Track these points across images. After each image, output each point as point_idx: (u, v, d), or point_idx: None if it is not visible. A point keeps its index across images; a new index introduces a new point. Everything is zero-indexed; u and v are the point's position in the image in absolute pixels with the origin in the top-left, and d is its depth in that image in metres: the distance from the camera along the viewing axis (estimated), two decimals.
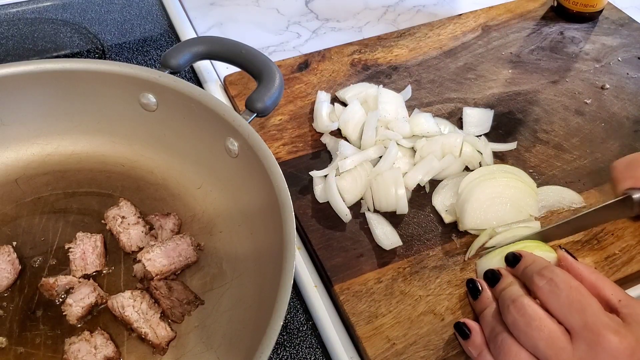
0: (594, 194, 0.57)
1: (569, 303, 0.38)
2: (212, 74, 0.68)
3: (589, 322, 0.37)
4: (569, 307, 0.38)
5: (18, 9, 0.77)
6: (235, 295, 0.48)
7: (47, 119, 0.56)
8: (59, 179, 0.56)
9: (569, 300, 0.38)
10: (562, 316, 0.38)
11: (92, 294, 0.46)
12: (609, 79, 0.69)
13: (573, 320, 0.38)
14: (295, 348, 0.47)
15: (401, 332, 0.46)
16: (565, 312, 0.38)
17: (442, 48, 0.72)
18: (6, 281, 0.47)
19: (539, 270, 0.41)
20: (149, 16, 0.78)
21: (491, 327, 0.42)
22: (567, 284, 0.39)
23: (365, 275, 0.49)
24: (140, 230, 0.51)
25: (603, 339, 0.36)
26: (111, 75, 0.53)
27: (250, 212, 0.51)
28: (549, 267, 0.41)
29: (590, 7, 0.75)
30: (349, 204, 0.54)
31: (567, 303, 0.38)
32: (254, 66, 0.56)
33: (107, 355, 0.43)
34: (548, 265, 0.41)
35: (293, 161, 0.58)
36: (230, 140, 0.50)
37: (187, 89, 0.52)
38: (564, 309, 0.38)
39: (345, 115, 0.60)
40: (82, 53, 0.71)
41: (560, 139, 0.62)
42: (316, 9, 0.81)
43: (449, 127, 0.61)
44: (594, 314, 0.37)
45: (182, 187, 0.55)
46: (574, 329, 0.37)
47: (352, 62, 0.69)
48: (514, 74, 0.69)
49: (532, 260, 0.43)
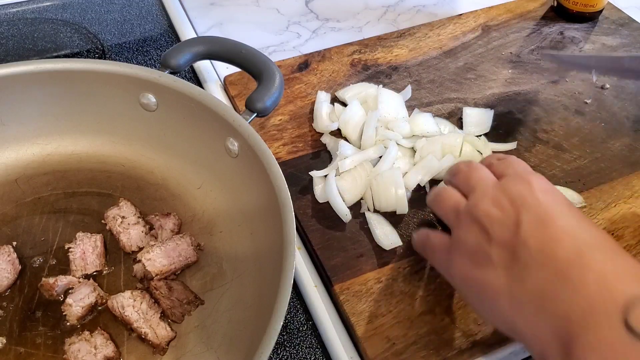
0: (594, 193, 0.57)
1: (462, 178, 0.44)
2: (212, 74, 0.68)
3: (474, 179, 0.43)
4: (463, 183, 0.44)
5: (18, 9, 0.77)
6: (235, 295, 0.48)
7: (47, 119, 0.56)
8: (59, 179, 0.56)
9: (461, 175, 0.44)
10: (464, 191, 0.44)
11: (92, 294, 0.46)
12: (609, 79, 0.69)
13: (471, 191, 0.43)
14: (295, 348, 0.47)
15: (401, 332, 0.46)
16: (464, 190, 0.44)
17: (442, 48, 0.72)
18: (6, 281, 0.47)
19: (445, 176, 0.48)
20: (149, 16, 0.78)
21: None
22: (455, 169, 0.45)
23: (365, 275, 0.49)
24: (140, 230, 0.51)
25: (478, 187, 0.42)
26: (111, 75, 0.53)
27: (250, 212, 0.51)
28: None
29: (590, 7, 0.75)
30: (348, 204, 0.54)
31: (462, 179, 0.44)
32: (254, 66, 0.56)
33: (107, 355, 0.43)
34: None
35: (293, 161, 0.58)
36: (230, 140, 0.50)
37: (187, 89, 0.52)
38: (461, 185, 0.44)
39: (345, 115, 0.60)
40: (82, 53, 0.71)
41: (560, 138, 0.62)
42: (316, 9, 0.81)
43: (449, 127, 0.61)
44: (481, 183, 0.42)
45: (182, 187, 0.55)
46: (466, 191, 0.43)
47: (352, 62, 0.69)
48: (514, 74, 0.69)
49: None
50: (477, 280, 0.39)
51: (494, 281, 0.38)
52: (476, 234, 0.39)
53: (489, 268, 0.38)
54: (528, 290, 0.36)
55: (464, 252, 0.40)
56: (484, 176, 0.42)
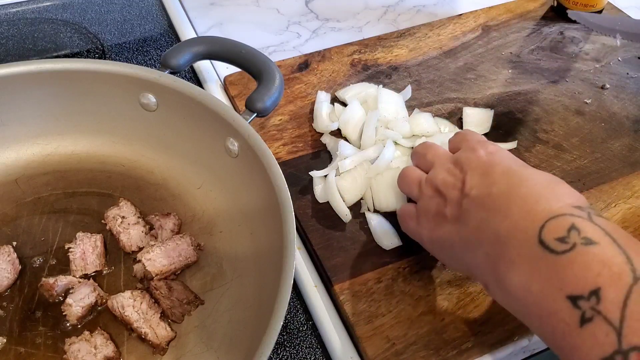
0: (594, 193, 0.57)
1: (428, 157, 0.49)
2: (212, 74, 0.68)
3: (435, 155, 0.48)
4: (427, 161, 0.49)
5: (18, 9, 0.77)
6: (235, 295, 0.48)
7: (47, 119, 0.56)
8: (59, 179, 0.56)
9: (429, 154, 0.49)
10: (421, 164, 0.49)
11: (92, 294, 0.46)
12: (609, 79, 0.69)
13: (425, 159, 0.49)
14: (295, 348, 0.47)
15: (401, 332, 0.46)
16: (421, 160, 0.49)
17: (442, 48, 0.72)
18: (6, 281, 0.47)
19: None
20: (149, 16, 0.78)
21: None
22: (419, 149, 0.50)
23: (365, 275, 0.49)
24: (140, 230, 0.51)
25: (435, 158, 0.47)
26: (111, 75, 0.53)
27: (250, 212, 0.51)
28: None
29: (590, 7, 0.75)
30: (348, 204, 0.54)
31: (428, 158, 0.49)
32: (254, 66, 0.56)
33: (107, 355, 0.43)
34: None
35: (293, 161, 0.58)
36: (230, 140, 0.50)
37: (187, 89, 0.52)
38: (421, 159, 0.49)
39: (345, 115, 0.60)
40: (82, 53, 0.71)
41: (560, 138, 0.62)
42: (316, 9, 0.81)
43: (449, 127, 0.61)
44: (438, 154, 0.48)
45: (182, 187, 0.55)
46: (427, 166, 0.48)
47: (352, 62, 0.69)
48: (514, 74, 0.69)
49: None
50: (439, 236, 0.44)
51: (449, 233, 0.43)
52: (436, 201, 0.45)
53: (446, 224, 0.43)
54: (470, 228, 0.41)
55: (428, 217, 0.45)
56: (439, 153, 0.48)
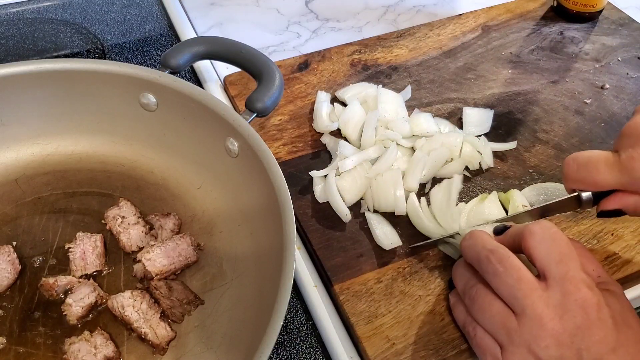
0: None
1: (555, 252, 0.40)
2: (212, 74, 0.68)
3: (570, 274, 0.39)
4: (553, 256, 0.40)
5: (18, 9, 0.77)
6: (235, 295, 0.48)
7: (47, 119, 0.56)
8: (59, 179, 0.56)
9: (556, 249, 0.40)
10: (545, 264, 0.39)
11: (92, 294, 0.46)
12: (609, 79, 0.69)
13: (555, 269, 0.39)
14: (295, 348, 0.47)
15: (401, 332, 0.46)
16: (549, 260, 0.40)
17: (442, 48, 0.72)
18: (6, 281, 0.47)
19: (529, 226, 0.42)
20: (149, 16, 0.78)
21: (466, 278, 0.44)
22: (556, 235, 0.41)
23: (365, 275, 0.49)
24: (140, 230, 0.51)
25: (578, 291, 0.38)
26: (111, 75, 0.53)
27: (250, 212, 0.51)
28: (541, 221, 0.42)
29: (590, 7, 0.75)
30: (348, 204, 0.54)
31: (554, 252, 0.40)
32: (254, 66, 0.56)
33: (107, 355, 0.43)
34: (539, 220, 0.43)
35: (293, 161, 0.58)
36: (230, 140, 0.50)
37: (187, 89, 0.52)
38: (549, 257, 0.40)
39: (345, 115, 0.60)
40: (82, 53, 0.71)
41: (560, 138, 0.62)
42: (316, 9, 0.81)
43: (449, 127, 0.61)
44: (575, 268, 0.39)
45: (182, 187, 0.55)
46: (554, 278, 0.39)
47: (352, 62, 0.69)
48: (514, 74, 0.69)
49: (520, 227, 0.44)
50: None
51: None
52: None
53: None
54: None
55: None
56: (529, 284, 0.39)
